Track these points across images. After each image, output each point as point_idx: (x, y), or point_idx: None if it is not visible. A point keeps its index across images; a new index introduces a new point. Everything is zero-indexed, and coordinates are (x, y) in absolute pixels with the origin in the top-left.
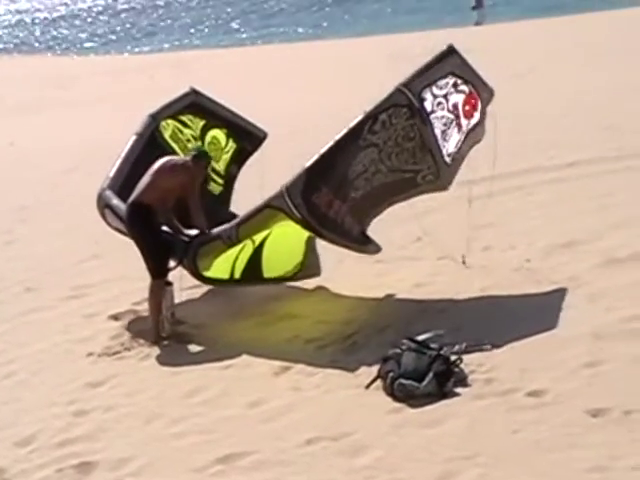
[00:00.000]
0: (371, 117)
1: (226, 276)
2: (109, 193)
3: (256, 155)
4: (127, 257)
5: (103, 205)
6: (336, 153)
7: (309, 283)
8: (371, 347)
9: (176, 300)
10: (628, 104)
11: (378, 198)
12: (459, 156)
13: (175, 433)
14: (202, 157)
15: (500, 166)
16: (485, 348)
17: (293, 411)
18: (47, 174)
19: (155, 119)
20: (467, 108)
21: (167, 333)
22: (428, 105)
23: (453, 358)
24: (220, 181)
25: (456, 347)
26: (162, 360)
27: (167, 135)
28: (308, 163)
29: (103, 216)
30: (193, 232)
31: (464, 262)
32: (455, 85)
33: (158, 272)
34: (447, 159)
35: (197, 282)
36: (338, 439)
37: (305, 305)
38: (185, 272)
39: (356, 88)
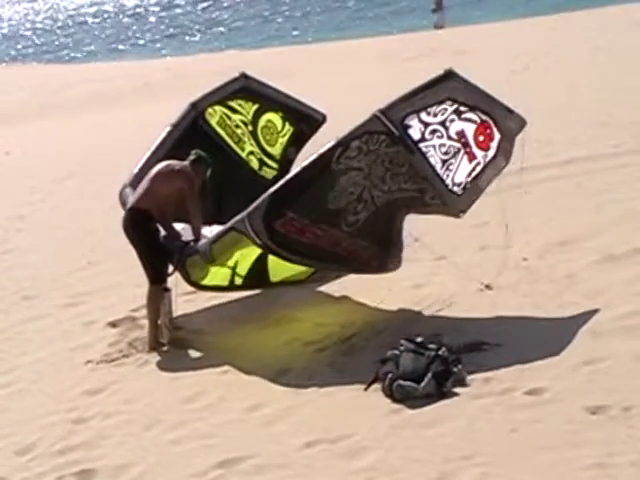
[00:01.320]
0: (342, 144)
1: (225, 283)
2: (128, 191)
3: None
4: (124, 264)
5: (123, 202)
6: (305, 179)
7: (307, 286)
8: (369, 349)
9: (174, 306)
10: (623, 101)
11: (390, 213)
12: (475, 186)
13: (174, 439)
14: (200, 162)
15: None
16: (483, 348)
17: (292, 414)
18: (43, 182)
19: (195, 107)
20: (481, 139)
21: (166, 339)
22: (415, 133)
23: (451, 358)
24: (275, 165)
25: (454, 347)
26: (161, 366)
27: (214, 122)
28: (272, 189)
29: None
30: (189, 238)
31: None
32: (458, 112)
33: (156, 278)
34: (455, 188)
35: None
36: (337, 441)
37: (303, 308)
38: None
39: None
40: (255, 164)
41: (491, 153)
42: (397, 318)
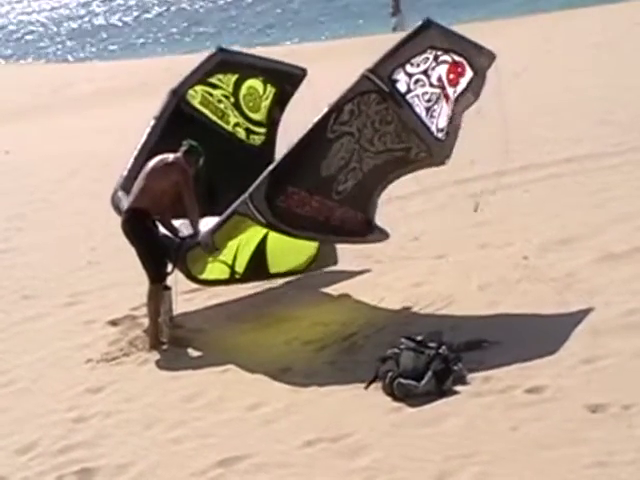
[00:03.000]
0: (335, 109)
1: (225, 276)
2: (121, 194)
3: None
4: (124, 263)
5: (115, 206)
6: (302, 151)
7: (306, 285)
8: (369, 347)
9: (174, 305)
10: (624, 99)
11: (374, 181)
12: (453, 127)
13: (174, 438)
14: (192, 152)
15: (496, 163)
16: (483, 346)
17: (292, 413)
18: (43, 182)
19: (176, 93)
20: (452, 77)
21: (166, 337)
22: (402, 86)
23: (451, 357)
24: (261, 130)
25: (454, 345)
26: (161, 365)
27: (197, 102)
28: (271, 166)
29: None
30: (187, 232)
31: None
32: (436, 58)
33: (156, 277)
34: (439, 135)
35: (194, 286)
36: (337, 440)
37: (302, 307)
38: (181, 276)
39: None
40: (242, 134)
41: (460, 88)
42: (397, 317)
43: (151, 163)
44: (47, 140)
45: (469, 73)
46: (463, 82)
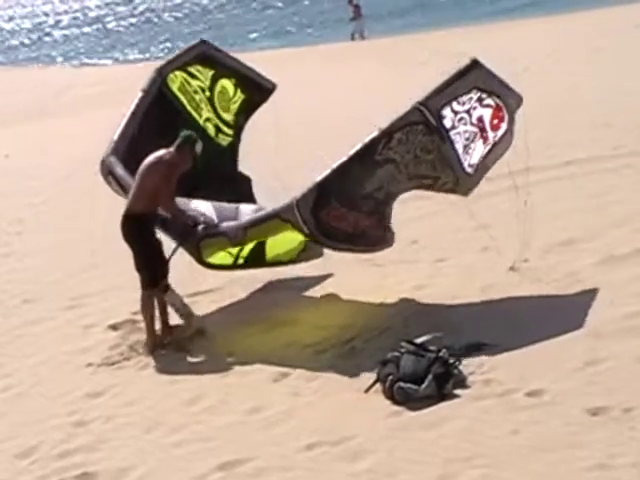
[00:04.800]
0: (386, 135)
1: (229, 262)
2: (113, 160)
3: None
4: (124, 267)
5: (106, 172)
6: (349, 169)
7: (306, 288)
8: (370, 351)
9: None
10: (624, 102)
11: (396, 193)
12: (483, 166)
13: (175, 441)
14: (185, 143)
15: (497, 166)
16: (483, 349)
17: (293, 417)
18: (43, 185)
19: (161, 73)
20: (495, 122)
21: (191, 329)
22: (447, 122)
23: (452, 360)
24: (229, 132)
25: (455, 349)
26: (161, 369)
27: (175, 87)
28: (319, 178)
29: (108, 183)
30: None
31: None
32: (480, 100)
33: (149, 282)
34: (469, 169)
35: (194, 290)
36: (338, 443)
37: (303, 310)
38: (182, 280)
39: None
40: (211, 131)
41: (500, 133)
42: (397, 320)
43: (146, 162)
44: (47, 144)
45: (506, 117)
46: (503, 127)
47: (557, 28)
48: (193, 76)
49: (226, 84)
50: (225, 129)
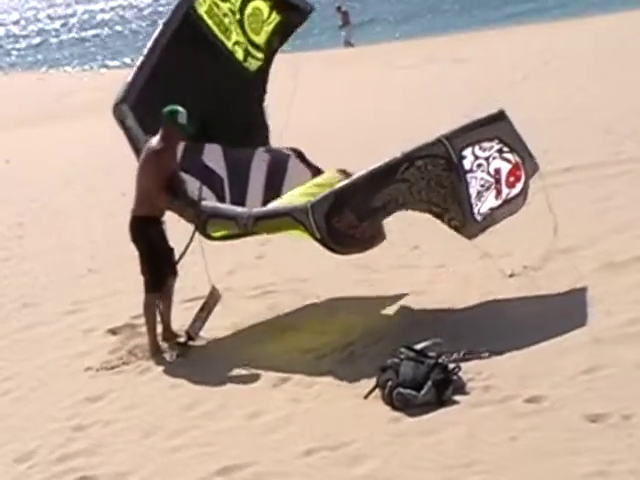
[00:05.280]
0: (409, 160)
1: (235, 232)
2: (125, 109)
3: None
4: (124, 272)
5: (120, 120)
6: (368, 183)
7: (305, 294)
8: (369, 357)
9: (173, 313)
10: (625, 108)
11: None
12: (491, 218)
13: (174, 446)
14: (166, 121)
15: None
16: (483, 356)
17: (292, 422)
18: (43, 190)
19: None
20: (511, 179)
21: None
22: (467, 164)
23: (451, 366)
24: (259, 55)
25: (454, 355)
26: (160, 373)
27: (203, 11)
28: (338, 186)
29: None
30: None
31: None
32: (500, 151)
33: (154, 285)
34: (477, 217)
35: (194, 295)
36: (337, 449)
37: (302, 316)
38: (182, 286)
39: None
40: (240, 55)
41: (514, 192)
42: (396, 326)
43: (141, 157)
44: (47, 149)
45: (523, 178)
46: (518, 186)
47: (558, 34)
48: None
49: (260, 5)
50: (255, 52)
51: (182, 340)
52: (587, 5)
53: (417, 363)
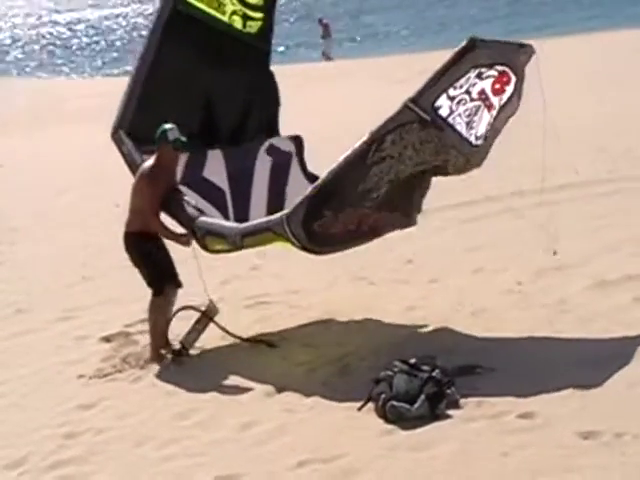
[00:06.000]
0: (376, 140)
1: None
2: (121, 134)
3: None
4: (118, 280)
5: (118, 146)
6: (341, 178)
7: (300, 305)
8: (363, 369)
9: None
10: (619, 126)
11: (411, 184)
12: (493, 130)
13: (166, 455)
14: (159, 140)
15: (491, 188)
16: (476, 371)
17: (284, 433)
18: (37, 196)
19: None
20: (497, 87)
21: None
22: (444, 110)
23: (445, 381)
24: (258, 15)
25: (448, 370)
26: (153, 383)
27: None
28: (309, 191)
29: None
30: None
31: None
32: (479, 75)
33: (158, 289)
34: (477, 142)
35: (188, 304)
36: (329, 461)
37: (297, 327)
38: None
39: None
40: (239, 23)
41: (506, 96)
42: (390, 339)
43: (136, 177)
44: (41, 155)
45: (513, 79)
46: (509, 90)
47: (551, 51)
48: None
49: None
50: (253, 14)
51: (176, 348)
52: (581, 23)
53: (411, 376)
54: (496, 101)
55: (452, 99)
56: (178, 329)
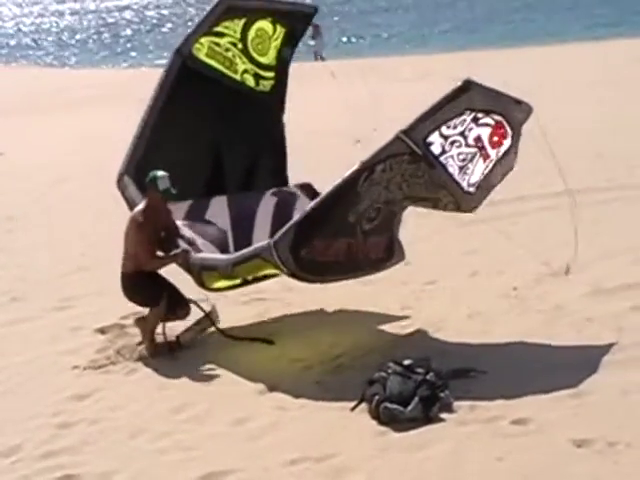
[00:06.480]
0: (367, 168)
1: (237, 282)
2: (127, 181)
3: None
4: (115, 270)
5: (122, 192)
6: (330, 206)
7: (295, 304)
8: (357, 369)
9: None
10: (618, 134)
11: (398, 209)
12: (487, 184)
13: (159, 448)
14: (149, 186)
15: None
16: (471, 375)
17: (278, 430)
18: (35, 185)
19: (180, 52)
20: (495, 139)
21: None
22: (436, 148)
23: (438, 383)
24: (270, 75)
25: (442, 372)
26: (148, 375)
27: (202, 55)
28: (297, 217)
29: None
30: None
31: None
32: (476, 120)
33: (154, 304)
34: (469, 189)
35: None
36: (322, 460)
37: (292, 326)
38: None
39: None
40: (251, 82)
41: (503, 149)
42: (385, 340)
43: (128, 222)
44: (41, 144)
45: (510, 133)
46: (506, 143)
47: (551, 58)
48: (221, 35)
49: (263, 25)
50: (265, 74)
51: (172, 341)
52: (581, 32)
53: (404, 378)
54: (493, 153)
55: (445, 138)
56: (176, 326)
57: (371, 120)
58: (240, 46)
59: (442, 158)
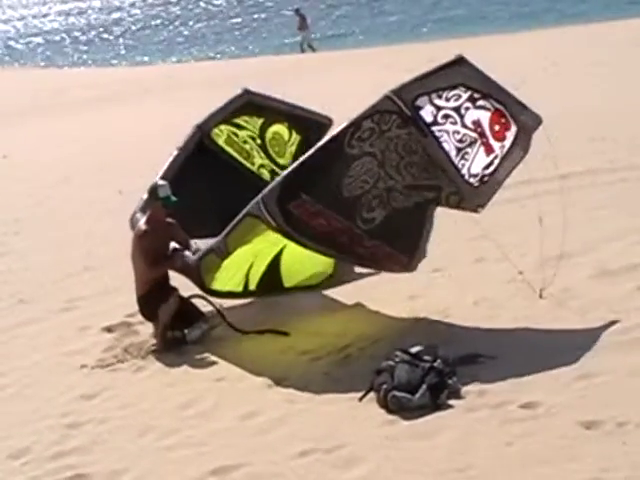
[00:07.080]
0: (353, 124)
1: (239, 289)
2: (139, 216)
3: None
4: (120, 270)
5: (133, 227)
6: (317, 161)
7: (301, 295)
8: (364, 359)
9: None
10: (622, 116)
11: (409, 219)
12: (494, 180)
13: (168, 445)
14: (150, 198)
15: None
16: (478, 360)
17: (286, 423)
18: (40, 186)
19: (201, 128)
20: (497, 128)
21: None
22: (426, 115)
23: (446, 370)
24: None
25: (449, 359)
26: (156, 372)
27: (222, 141)
28: (286, 171)
29: None
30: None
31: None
32: (472, 100)
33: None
34: (471, 179)
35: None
36: (331, 451)
37: (298, 317)
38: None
39: None
40: (267, 176)
41: (508, 143)
42: (392, 329)
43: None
44: (44, 145)
45: (513, 127)
46: (510, 137)
47: (555, 41)
48: (240, 127)
49: (279, 129)
50: (281, 172)
51: (179, 336)
52: (584, 12)
53: (412, 366)
54: (497, 147)
55: (437, 108)
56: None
57: None
58: (259, 142)
59: (435, 129)
